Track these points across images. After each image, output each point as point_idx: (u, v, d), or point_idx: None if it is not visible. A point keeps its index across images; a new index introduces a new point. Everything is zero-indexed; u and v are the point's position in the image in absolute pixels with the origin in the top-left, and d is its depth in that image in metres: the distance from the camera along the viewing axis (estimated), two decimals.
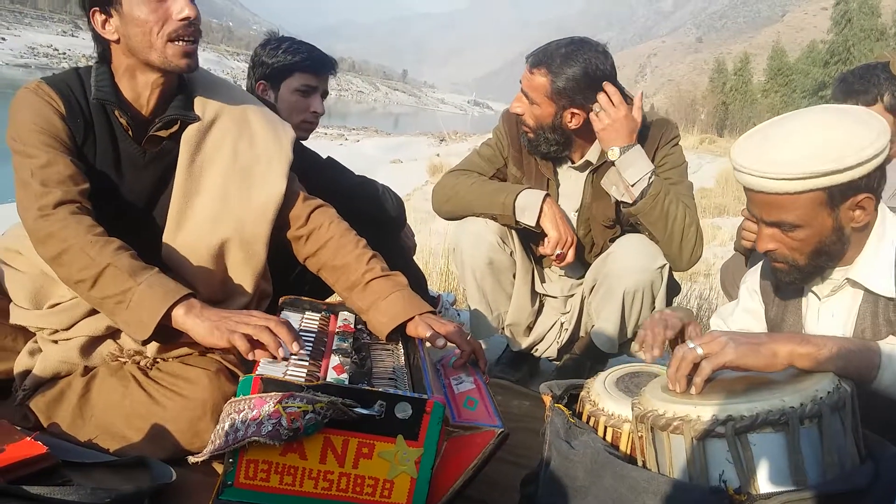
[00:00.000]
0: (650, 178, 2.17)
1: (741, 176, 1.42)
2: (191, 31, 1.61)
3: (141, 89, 1.67)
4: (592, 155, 2.31)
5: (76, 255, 1.50)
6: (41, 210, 1.53)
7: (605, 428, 1.41)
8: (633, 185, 2.17)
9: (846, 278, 1.48)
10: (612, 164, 2.20)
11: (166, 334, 1.54)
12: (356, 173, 2.51)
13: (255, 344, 1.47)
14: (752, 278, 1.74)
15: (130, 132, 1.68)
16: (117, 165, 1.69)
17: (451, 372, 1.71)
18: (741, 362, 1.23)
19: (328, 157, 2.47)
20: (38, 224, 1.53)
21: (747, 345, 1.23)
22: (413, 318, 1.69)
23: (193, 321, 1.49)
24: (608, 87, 2.17)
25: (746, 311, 1.74)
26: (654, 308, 2.30)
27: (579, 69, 2.15)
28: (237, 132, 1.77)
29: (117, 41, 1.63)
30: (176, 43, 1.60)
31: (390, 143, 27.43)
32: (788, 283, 1.54)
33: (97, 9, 1.61)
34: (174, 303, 1.49)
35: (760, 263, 1.71)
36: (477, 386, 1.64)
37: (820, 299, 1.54)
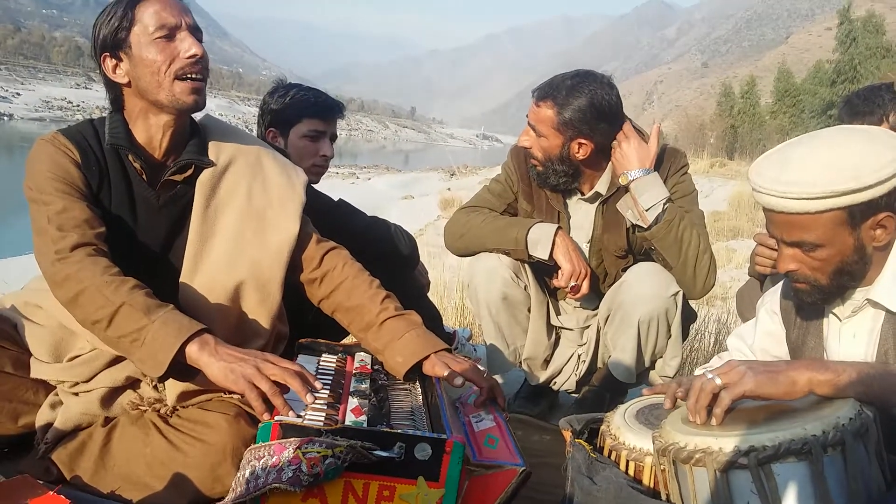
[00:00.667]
0: (665, 203, 2.18)
1: (761, 196, 1.42)
2: (198, 69, 1.65)
3: (154, 132, 1.70)
4: (602, 186, 2.33)
5: (92, 295, 1.52)
6: (58, 253, 1.55)
7: (627, 462, 1.39)
8: (647, 210, 2.18)
9: (866, 299, 1.47)
10: (626, 189, 2.23)
11: (183, 372, 1.55)
12: (368, 213, 2.53)
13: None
14: (771, 300, 1.72)
15: (144, 176, 1.72)
16: (133, 210, 1.72)
17: (470, 410, 1.70)
18: (760, 391, 1.22)
19: (339, 199, 2.49)
20: (55, 267, 1.56)
21: (766, 373, 1.22)
22: (429, 356, 1.69)
23: (208, 358, 1.49)
24: (625, 125, 2.25)
25: (766, 333, 1.72)
26: (670, 336, 2.30)
27: (585, 100, 2.18)
28: (251, 176, 1.80)
29: (128, 84, 1.67)
30: (184, 81, 1.64)
31: (401, 180, 27.61)
32: (810, 304, 1.53)
33: (108, 54, 1.66)
34: (188, 339, 1.49)
35: (780, 285, 1.70)
36: (497, 423, 1.63)
37: (841, 320, 1.52)
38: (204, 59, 1.66)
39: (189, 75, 1.64)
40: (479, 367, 1.75)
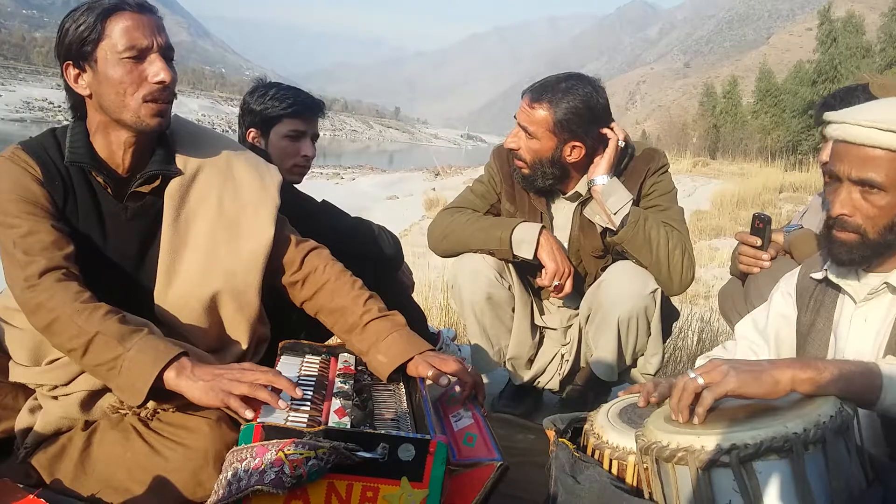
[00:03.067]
0: (630, 205, 2.20)
1: (841, 127, 1.41)
2: (165, 95, 1.61)
3: (115, 148, 1.66)
4: (582, 186, 2.33)
5: (65, 324, 1.50)
6: (27, 280, 1.53)
7: (611, 461, 1.40)
8: (614, 214, 2.19)
9: (885, 283, 1.46)
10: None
11: (162, 394, 1.54)
12: (352, 214, 2.52)
13: (251, 403, 1.45)
14: (787, 282, 1.72)
15: (110, 190, 1.68)
16: (101, 224, 1.68)
17: (449, 409, 1.70)
18: (743, 390, 1.22)
19: (323, 200, 2.48)
20: (25, 295, 1.54)
21: (748, 373, 1.23)
22: (413, 357, 1.68)
23: (186, 383, 1.49)
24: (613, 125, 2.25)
25: (780, 315, 1.71)
26: (650, 333, 2.30)
27: (581, 103, 2.18)
28: (221, 183, 1.76)
29: (89, 96, 1.63)
30: (150, 104, 1.59)
31: (386, 180, 27.59)
32: (845, 263, 1.50)
33: (70, 62, 1.61)
34: (164, 366, 1.48)
35: (798, 269, 1.70)
36: (476, 420, 1.63)
37: (856, 303, 1.52)
38: (172, 84, 1.61)
39: (156, 100, 1.60)
40: (464, 363, 1.75)
